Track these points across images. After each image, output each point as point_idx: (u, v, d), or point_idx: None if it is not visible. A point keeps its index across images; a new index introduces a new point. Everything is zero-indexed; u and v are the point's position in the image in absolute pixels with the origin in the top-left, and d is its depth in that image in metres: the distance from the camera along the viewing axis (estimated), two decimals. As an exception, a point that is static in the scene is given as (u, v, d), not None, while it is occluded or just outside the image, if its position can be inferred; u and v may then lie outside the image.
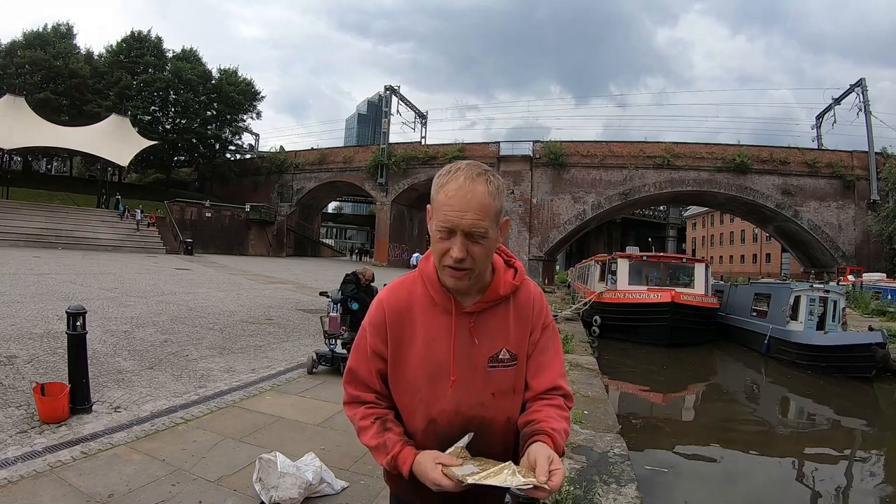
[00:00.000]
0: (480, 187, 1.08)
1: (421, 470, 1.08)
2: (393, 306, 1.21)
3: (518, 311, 1.22)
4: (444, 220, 1.08)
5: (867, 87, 32.07)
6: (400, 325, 1.19)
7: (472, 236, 1.08)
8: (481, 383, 1.18)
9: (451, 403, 1.17)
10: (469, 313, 1.18)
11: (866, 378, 9.49)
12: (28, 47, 34.55)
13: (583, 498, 3.01)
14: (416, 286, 1.22)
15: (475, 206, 1.07)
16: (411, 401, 1.20)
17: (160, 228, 30.32)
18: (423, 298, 1.20)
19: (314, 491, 2.89)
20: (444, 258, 1.10)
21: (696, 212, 63.78)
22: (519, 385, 1.22)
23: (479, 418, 1.18)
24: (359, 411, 1.23)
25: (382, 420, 1.20)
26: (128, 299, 9.91)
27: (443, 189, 1.10)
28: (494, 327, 1.19)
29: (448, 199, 1.08)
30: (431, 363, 1.17)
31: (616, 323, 13.56)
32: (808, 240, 31.67)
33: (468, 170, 1.11)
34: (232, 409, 4.40)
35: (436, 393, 1.18)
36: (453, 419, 1.18)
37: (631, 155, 32.79)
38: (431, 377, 1.18)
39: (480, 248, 1.09)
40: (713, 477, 5.52)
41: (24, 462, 3.04)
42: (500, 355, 1.18)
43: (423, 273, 1.22)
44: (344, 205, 78.54)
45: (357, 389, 1.24)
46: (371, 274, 6.70)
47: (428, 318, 1.19)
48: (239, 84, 41.59)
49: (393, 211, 37.91)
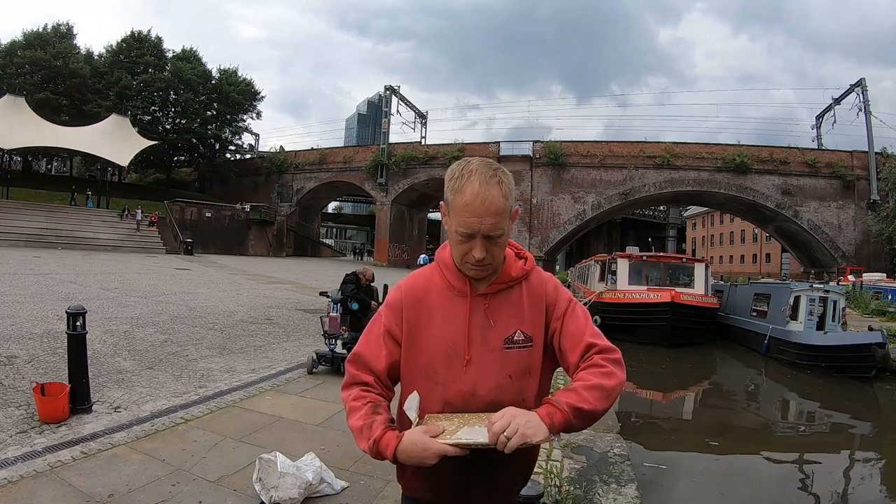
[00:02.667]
0: (494, 190, 1.14)
1: (417, 449, 1.07)
2: (410, 290, 1.27)
3: (531, 293, 1.26)
4: (464, 226, 1.14)
5: (867, 87, 32.09)
6: (416, 309, 1.24)
7: (491, 238, 1.15)
8: (498, 364, 1.20)
9: (467, 385, 1.19)
10: (483, 295, 1.23)
11: (866, 378, 9.49)
12: (28, 47, 34.50)
13: (583, 498, 3.02)
14: (434, 275, 1.28)
15: (493, 210, 1.13)
16: (427, 384, 1.21)
17: (160, 228, 30.30)
18: (441, 284, 1.26)
19: (314, 491, 2.89)
20: (465, 257, 1.18)
21: (696, 212, 63.76)
22: (535, 367, 1.24)
23: (496, 401, 1.18)
24: (352, 392, 1.22)
25: (374, 404, 1.19)
26: (128, 299, 9.91)
27: (460, 194, 1.15)
28: (509, 309, 1.23)
29: (466, 206, 1.13)
30: (447, 345, 1.20)
31: (616, 323, 13.53)
32: (808, 240, 31.67)
33: (481, 172, 1.15)
34: (232, 409, 4.40)
35: (452, 375, 1.20)
36: (470, 401, 1.19)
37: (631, 155, 32.80)
38: (448, 358, 1.20)
39: (498, 247, 1.18)
40: (713, 477, 5.51)
41: (24, 462, 3.04)
42: (514, 336, 1.21)
43: (439, 260, 1.29)
44: (344, 205, 78.50)
45: (358, 369, 1.25)
46: (371, 274, 6.71)
47: (444, 302, 1.24)
48: (239, 84, 41.56)
49: (393, 211, 37.90)
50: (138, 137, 32.96)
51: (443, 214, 1.23)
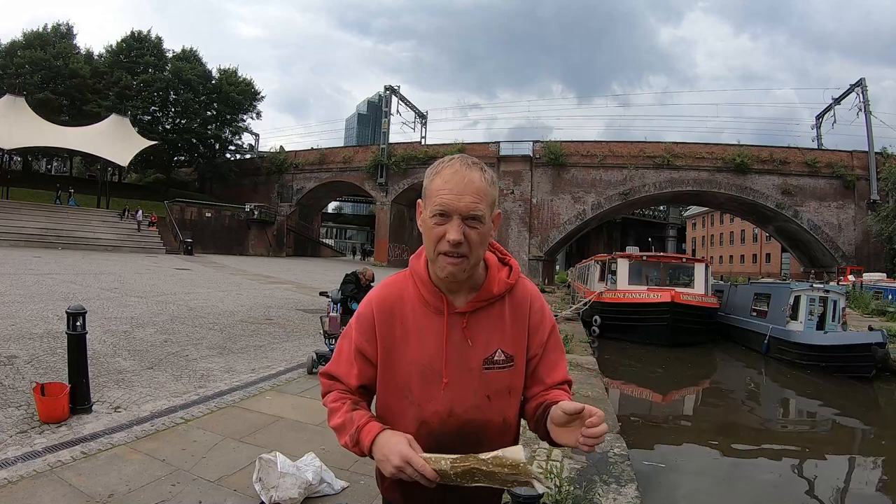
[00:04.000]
0: (476, 174, 1.09)
1: (388, 449, 1.03)
2: (382, 304, 1.18)
3: (514, 310, 1.18)
4: (439, 204, 1.06)
5: (867, 86, 32.05)
6: (390, 324, 1.16)
7: (469, 220, 1.06)
8: (476, 385, 1.14)
9: (444, 405, 1.14)
10: (461, 313, 1.14)
11: (866, 378, 9.49)
12: (28, 47, 34.48)
13: (583, 498, 3.02)
14: (408, 285, 1.19)
15: (472, 189, 1.06)
16: (402, 402, 1.17)
17: (160, 228, 30.30)
18: (415, 298, 1.17)
19: (314, 491, 2.89)
20: (439, 244, 1.07)
21: (696, 212, 63.76)
22: (516, 386, 1.19)
23: (473, 421, 1.15)
24: (331, 395, 1.21)
25: (354, 402, 1.18)
26: (128, 299, 9.91)
27: (438, 175, 1.09)
28: (489, 328, 1.15)
29: (444, 184, 1.07)
30: (423, 364, 1.14)
31: (616, 323, 13.56)
32: (808, 240, 31.66)
33: (462, 159, 1.12)
34: (232, 409, 4.40)
35: (428, 395, 1.14)
36: (447, 421, 1.14)
37: (631, 155, 32.78)
38: (423, 378, 1.14)
39: (476, 234, 1.07)
40: (713, 476, 5.51)
41: (24, 462, 3.03)
42: (495, 356, 1.14)
43: (413, 272, 1.19)
44: (344, 205, 78.46)
45: (331, 381, 1.24)
46: (371, 274, 6.71)
47: (419, 318, 1.15)
48: (239, 84, 41.53)
49: (393, 211, 37.90)
50: (138, 137, 32.94)
51: (418, 213, 1.14)
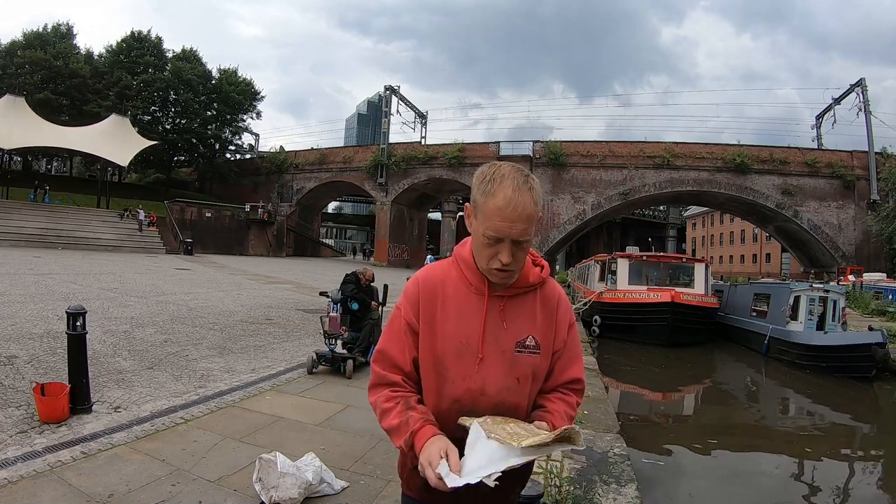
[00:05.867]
0: (527, 197, 1.15)
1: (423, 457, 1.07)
2: (427, 282, 1.27)
3: (544, 303, 1.27)
4: (493, 230, 1.14)
5: (867, 86, 32.05)
6: (433, 301, 1.24)
7: (519, 243, 1.16)
8: (508, 366, 1.21)
9: (477, 383, 1.20)
10: (500, 297, 1.23)
11: (866, 378, 9.49)
12: (28, 47, 34.50)
13: (583, 498, 3.02)
14: (451, 269, 1.28)
15: (524, 217, 1.14)
16: (437, 379, 1.22)
17: (160, 228, 30.31)
18: (458, 279, 1.26)
19: (314, 491, 2.89)
20: (491, 262, 1.17)
21: (696, 212, 63.74)
22: (540, 374, 1.26)
23: (504, 403, 1.20)
24: (382, 394, 1.22)
25: (406, 401, 1.20)
26: (128, 299, 9.91)
27: (491, 198, 1.14)
28: (523, 314, 1.24)
29: (497, 211, 1.13)
30: (460, 341, 1.21)
31: (616, 323, 13.56)
32: (808, 240, 31.66)
33: (513, 178, 1.15)
34: (232, 409, 4.40)
35: (462, 372, 1.20)
36: (478, 399, 1.19)
37: (631, 155, 32.78)
38: (459, 354, 1.20)
39: (523, 252, 1.19)
40: (713, 476, 5.51)
41: (24, 462, 3.03)
42: (526, 341, 1.22)
43: (458, 256, 1.29)
44: (344, 205, 78.47)
45: (385, 369, 1.25)
46: (371, 274, 6.70)
47: (460, 297, 1.24)
48: (239, 84, 41.54)
49: (393, 211, 37.89)
50: (138, 137, 32.95)
51: (467, 216, 1.23)
